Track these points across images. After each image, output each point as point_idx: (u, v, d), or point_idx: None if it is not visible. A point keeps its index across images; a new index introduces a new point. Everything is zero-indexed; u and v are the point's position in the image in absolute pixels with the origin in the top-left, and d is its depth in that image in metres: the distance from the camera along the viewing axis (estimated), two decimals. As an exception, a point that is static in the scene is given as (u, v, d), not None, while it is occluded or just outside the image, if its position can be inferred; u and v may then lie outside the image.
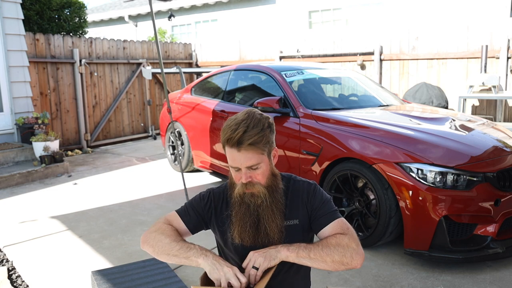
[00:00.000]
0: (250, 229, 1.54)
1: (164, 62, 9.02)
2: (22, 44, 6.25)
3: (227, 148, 1.49)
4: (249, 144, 1.44)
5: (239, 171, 1.51)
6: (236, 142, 1.44)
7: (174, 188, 4.96)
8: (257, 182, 1.52)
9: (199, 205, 1.69)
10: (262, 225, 1.54)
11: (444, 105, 6.33)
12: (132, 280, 2.45)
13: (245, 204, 1.54)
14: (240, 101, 4.80)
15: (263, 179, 1.53)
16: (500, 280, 2.75)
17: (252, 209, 1.54)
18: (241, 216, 1.55)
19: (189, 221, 1.68)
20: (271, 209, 1.54)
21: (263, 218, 1.54)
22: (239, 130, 1.44)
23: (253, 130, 1.45)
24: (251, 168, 1.49)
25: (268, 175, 1.55)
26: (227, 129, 1.47)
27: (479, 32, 6.46)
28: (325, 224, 1.58)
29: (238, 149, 1.45)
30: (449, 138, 3.14)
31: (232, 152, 1.47)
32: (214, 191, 1.70)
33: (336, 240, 1.50)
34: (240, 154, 1.46)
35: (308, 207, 1.62)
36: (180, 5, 12.90)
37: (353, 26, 10.15)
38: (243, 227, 1.54)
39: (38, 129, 6.03)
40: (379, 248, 3.25)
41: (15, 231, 3.77)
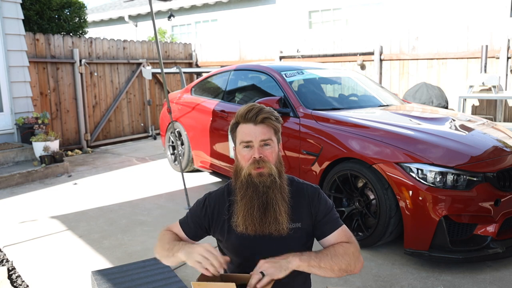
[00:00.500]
0: (257, 212, 1.51)
1: (164, 62, 9.02)
2: (22, 44, 6.25)
3: (242, 124, 1.56)
4: (265, 117, 1.54)
5: (250, 149, 1.54)
6: (254, 115, 1.53)
7: (174, 188, 4.96)
8: (267, 160, 1.54)
9: (196, 213, 1.70)
10: (271, 209, 1.51)
11: (444, 105, 6.33)
12: (132, 280, 2.45)
13: (253, 185, 1.53)
14: (240, 101, 4.80)
15: (273, 159, 1.55)
16: (500, 280, 2.75)
17: (261, 190, 1.52)
18: (247, 199, 1.52)
19: (189, 230, 1.70)
20: (279, 192, 1.54)
21: (272, 200, 1.52)
22: (256, 108, 1.56)
23: (268, 109, 1.58)
24: (264, 143, 1.54)
25: (277, 158, 1.58)
26: (243, 109, 1.57)
27: (479, 32, 6.46)
28: (329, 233, 1.61)
29: (255, 122, 1.54)
30: (449, 138, 3.14)
31: (247, 127, 1.55)
32: (211, 195, 1.71)
33: (343, 249, 1.53)
34: (256, 127, 1.54)
35: (313, 212, 1.62)
36: (180, 5, 12.91)
37: (353, 26, 10.15)
38: (249, 211, 1.52)
39: (38, 129, 6.03)
40: (379, 248, 3.25)
41: (15, 231, 3.77)
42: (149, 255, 3.16)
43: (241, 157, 1.57)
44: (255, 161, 1.52)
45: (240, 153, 1.57)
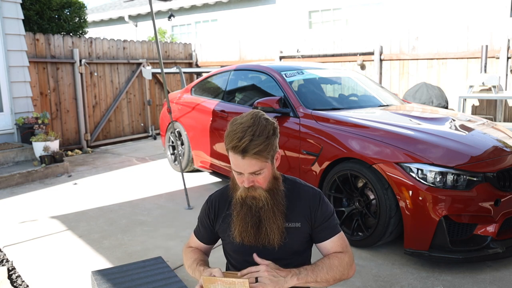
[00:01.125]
0: (251, 229, 1.58)
1: (164, 62, 9.02)
2: (22, 44, 6.25)
3: (231, 153, 1.50)
4: (254, 153, 1.45)
5: (241, 175, 1.54)
6: (241, 151, 1.45)
7: (174, 188, 4.96)
8: (258, 186, 1.55)
9: (204, 218, 1.77)
10: (263, 226, 1.57)
11: (444, 105, 6.33)
12: (132, 280, 2.45)
13: (246, 206, 1.58)
14: (240, 101, 4.80)
15: (264, 183, 1.56)
16: (500, 280, 2.75)
17: (254, 210, 1.57)
18: (242, 216, 1.58)
19: (203, 237, 1.79)
20: (272, 211, 1.57)
21: (264, 220, 1.57)
22: (245, 139, 1.44)
23: (259, 138, 1.46)
24: (253, 173, 1.51)
25: (270, 179, 1.58)
26: (232, 135, 1.47)
27: (479, 32, 6.46)
28: (327, 238, 1.65)
29: (242, 156, 1.46)
30: (449, 138, 3.14)
31: (236, 159, 1.49)
32: (212, 197, 1.76)
33: (338, 261, 1.58)
34: (244, 161, 1.48)
35: (313, 215, 1.64)
36: (180, 5, 12.91)
37: (353, 26, 10.15)
38: (244, 227, 1.58)
39: (38, 129, 6.03)
40: (379, 248, 3.25)
41: (15, 231, 3.77)
42: (149, 255, 3.16)
43: (235, 177, 1.59)
44: (245, 188, 1.55)
45: (234, 174, 1.59)
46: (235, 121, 1.52)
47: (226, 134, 1.51)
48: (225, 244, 1.74)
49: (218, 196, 1.74)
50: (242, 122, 1.49)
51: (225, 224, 1.67)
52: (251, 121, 1.48)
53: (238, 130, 1.47)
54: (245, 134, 1.45)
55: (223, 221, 1.68)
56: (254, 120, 1.49)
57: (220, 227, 1.70)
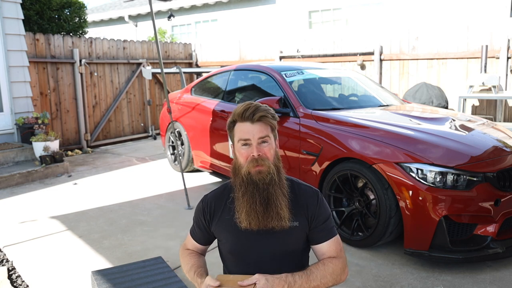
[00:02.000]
0: (260, 207, 1.55)
1: (164, 62, 9.02)
2: (22, 44, 6.26)
3: (239, 123, 1.60)
4: (262, 115, 1.57)
5: (249, 147, 1.57)
6: (251, 113, 1.56)
7: (174, 188, 4.96)
8: (266, 157, 1.57)
9: (198, 218, 1.76)
10: (272, 204, 1.55)
11: (444, 105, 6.33)
12: (132, 280, 2.45)
13: (253, 183, 1.56)
14: (240, 101, 4.80)
15: (271, 156, 1.59)
16: (500, 280, 2.75)
17: (262, 187, 1.56)
18: (249, 195, 1.56)
19: (199, 238, 1.80)
20: (279, 188, 1.58)
21: (273, 196, 1.55)
22: (253, 106, 1.59)
23: (264, 107, 1.61)
24: (262, 140, 1.57)
25: (275, 154, 1.62)
26: (239, 107, 1.60)
27: (479, 32, 6.46)
28: (324, 241, 1.66)
29: (252, 121, 1.57)
30: (449, 138, 3.14)
31: (245, 126, 1.58)
32: (207, 197, 1.75)
33: (333, 267, 1.60)
34: (253, 126, 1.57)
35: (311, 214, 1.65)
36: (180, 5, 12.91)
37: (353, 26, 10.15)
38: (252, 206, 1.55)
39: (38, 129, 6.03)
40: (379, 248, 3.25)
41: (15, 231, 3.77)
42: (149, 255, 3.16)
43: (239, 154, 1.60)
44: (253, 159, 1.56)
45: (239, 151, 1.60)
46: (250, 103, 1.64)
47: (233, 113, 1.62)
48: (221, 245, 1.73)
49: (213, 196, 1.73)
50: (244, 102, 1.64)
51: (221, 225, 1.66)
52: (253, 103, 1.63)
53: (244, 104, 1.61)
54: (251, 104, 1.60)
55: (219, 221, 1.67)
56: (253, 102, 1.65)
57: (216, 228, 1.69)
